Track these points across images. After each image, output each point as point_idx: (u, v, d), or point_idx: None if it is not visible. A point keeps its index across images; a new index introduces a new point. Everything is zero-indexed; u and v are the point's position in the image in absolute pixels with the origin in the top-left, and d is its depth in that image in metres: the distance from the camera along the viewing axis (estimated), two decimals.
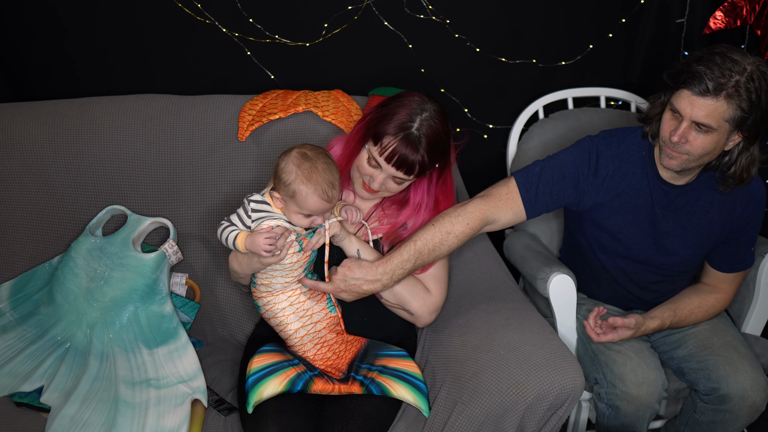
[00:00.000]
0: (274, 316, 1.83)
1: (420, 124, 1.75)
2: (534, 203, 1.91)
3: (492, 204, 1.89)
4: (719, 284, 2.06)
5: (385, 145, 1.75)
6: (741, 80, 1.68)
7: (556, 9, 2.46)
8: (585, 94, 2.51)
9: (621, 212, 1.94)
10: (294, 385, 1.72)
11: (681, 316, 2.01)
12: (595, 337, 1.95)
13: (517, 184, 1.92)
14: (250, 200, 1.76)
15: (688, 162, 1.79)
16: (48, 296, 2.03)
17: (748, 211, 1.93)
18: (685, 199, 1.92)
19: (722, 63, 1.69)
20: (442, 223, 1.84)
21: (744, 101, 1.69)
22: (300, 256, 1.78)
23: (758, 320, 2.17)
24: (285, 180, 1.70)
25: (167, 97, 2.23)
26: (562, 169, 1.91)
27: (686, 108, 1.72)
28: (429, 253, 1.82)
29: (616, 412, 1.91)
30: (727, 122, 1.72)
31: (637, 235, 1.96)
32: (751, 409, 1.89)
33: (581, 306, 2.11)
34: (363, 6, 2.35)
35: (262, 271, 1.80)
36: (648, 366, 1.90)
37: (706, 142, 1.74)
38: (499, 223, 1.92)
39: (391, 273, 1.79)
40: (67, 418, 1.77)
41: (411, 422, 1.79)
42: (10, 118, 2.16)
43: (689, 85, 1.71)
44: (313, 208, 1.70)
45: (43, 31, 2.29)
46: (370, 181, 1.82)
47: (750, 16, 2.40)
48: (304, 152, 1.71)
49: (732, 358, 1.92)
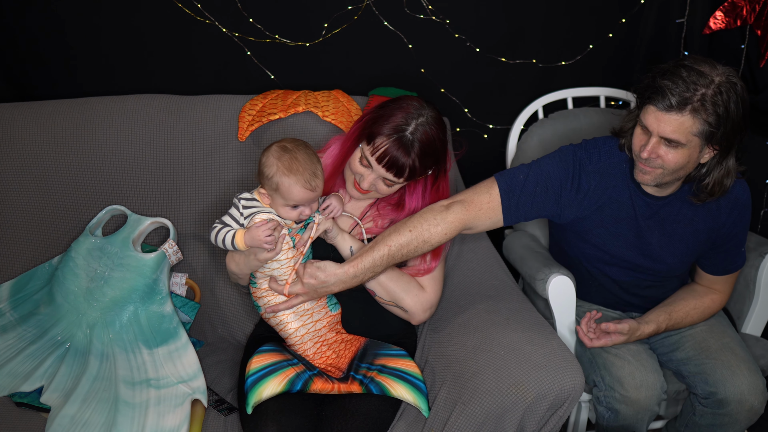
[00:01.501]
0: (274, 316, 1.83)
1: (415, 128, 1.75)
2: (513, 212, 1.88)
3: (472, 213, 1.87)
4: (713, 285, 2.05)
5: (377, 145, 1.76)
6: (707, 93, 1.65)
7: (556, 9, 2.46)
8: (584, 94, 2.51)
9: (604, 224, 1.92)
10: (293, 384, 1.72)
11: (677, 319, 1.99)
12: (588, 341, 1.93)
13: (499, 191, 1.88)
14: (240, 198, 1.77)
15: (662, 176, 1.77)
16: (48, 296, 2.03)
17: (733, 216, 1.90)
18: (669, 210, 1.90)
19: (688, 76, 1.66)
20: (420, 231, 1.81)
21: (711, 115, 1.65)
22: (295, 252, 1.78)
23: (758, 321, 2.16)
24: (267, 174, 1.71)
25: (167, 97, 2.23)
26: (545, 180, 1.88)
27: (653, 124, 1.70)
28: (402, 257, 1.81)
29: (615, 415, 1.90)
30: (696, 136, 1.69)
31: (622, 246, 1.94)
32: (749, 412, 1.88)
33: (580, 309, 2.11)
34: (363, 6, 2.35)
35: (260, 270, 1.80)
36: (646, 369, 1.89)
37: (677, 157, 1.72)
38: (476, 229, 1.91)
39: (361, 276, 1.78)
40: (67, 418, 1.77)
41: (411, 422, 1.79)
42: (10, 118, 2.16)
43: (654, 100, 1.69)
44: (298, 199, 1.71)
45: (43, 31, 2.29)
46: (360, 180, 1.82)
47: (750, 16, 2.40)
48: (284, 145, 1.73)
49: (729, 361, 1.90)
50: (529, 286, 2.27)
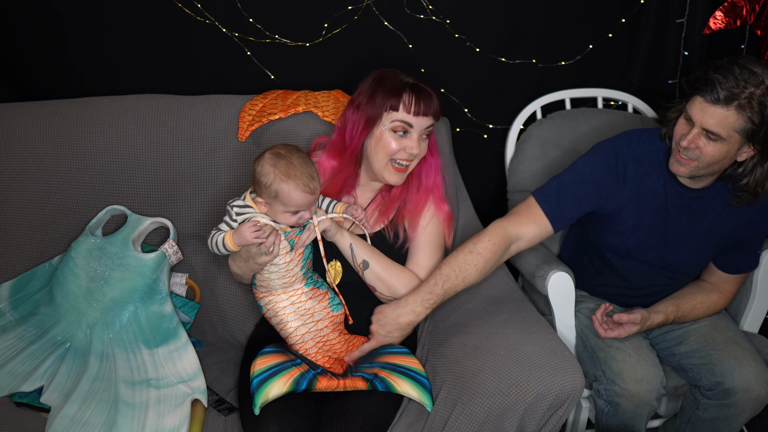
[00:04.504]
0: (275, 315, 1.83)
1: (405, 76, 1.87)
2: (559, 215, 1.92)
3: (512, 220, 1.91)
4: (721, 284, 2.07)
5: (407, 102, 1.82)
6: (756, 93, 1.68)
7: (556, 9, 2.46)
8: (582, 95, 2.52)
9: (637, 214, 1.94)
10: (298, 384, 1.72)
11: (684, 311, 2.02)
12: (603, 332, 1.95)
13: (536, 200, 1.93)
14: (233, 206, 1.77)
15: (697, 169, 1.80)
16: (48, 296, 2.03)
17: (762, 215, 1.93)
18: (700, 203, 1.92)
19: (740, 74, 1.69)
20: (466, 245, 1.87)
21: (756, 114, 1.68)
22: (293, 255, 1.78)
23: (756, 317, 2.17)
24: (265, 183, 1.71)
25: (167, 97, 2.23)
26: (580, 177, 1.93)
27: (697, 114, 1.73)
28: (456, 275, 1.84)
29: (615, 409, 1.92)
30: (738, 133, 1.72)
31: (648, 236, 1.96)
32: (755, 402, 1.89)
33: (582, 303, 2.12)
34: (363, 6, 2.35)
35: (259, 273, 1.80)
36: (647, 363, 1.91)
37: (715, 151, 1.75)
38: (525, 238, 1.93)
39: (420, 299, 1.82)
40: (67, 418, 1.77)
41: (411, 421, 1.79)
42: (10, 118, 2.16)
43: (702, 92, 1.72)
44: (298, 204, 1.71)
45: (43, 31, 2.29)
46: (410, 150, 1.85)
47: (750, 16, 2.40)
48: (277, 152, 1.73)
49: (735, 352, 1.93)
50: (528, 284, 2.28)
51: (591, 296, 2.16)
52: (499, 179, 2.64)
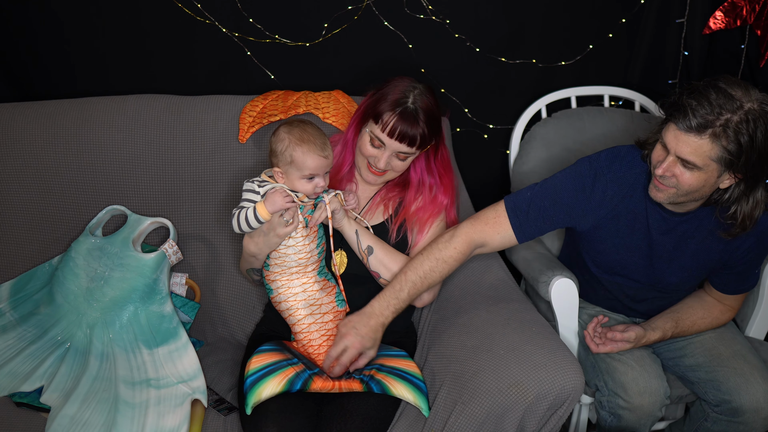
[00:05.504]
0: (285, 300, 1.84)
1: (414, 99, 1.85)
2: (524, 228, 1.88)
3: (479, 228, 1.89)
4: (723, 300, 1.99)
5: (386, 121, 1.84)
6: (732, 119, 1.56)
7: (556, 9, 2.46)
8: (588, 92, 2.51)
9: (618, 234, 1.88)
10: (293, 384, 1.72)
11: (683, 327, 1.96)
12: (594, 347, 1.93)
13: (506, 209, 1.89)
14: (253, 180, 1.82)
15: (675, 196, 1.71)
16: (48, 296, 2.03)
17: (749, 241, 1.83)
18: (685, 227, 1.84)
19: (715, 99, 1.57)
20: (432, 251, 1.86)
21: (731, 143, 1.57)
22: (309, 231, 1.83)
23: (762, 324, 2.13)
24: (280, 149, 1.77)
25: (167, 97, 2.23)
26: (554, 194, 1.86)
27: (671, 142, 1.64)
28: (421, 281, 1.85)
29: (618, 420, 1.89)
30: (714, 162, 1.61)
31: (633, 257, 1.91)
32: (766, 421, 1.84)
33: (583, 311, 2.09)
34: (363, 6, 2.35)
35: (276, 250, 1.83)
36: (650, 375, 1.87)
37: (692, 179, 1.65)
38: (489, 246, 1.91)
39: (386, 303, 1.82)
40: (67, 418, 1.77)
41: (411, 422, 1.79)
42: (10, 118, 2.16)
43: (675, 118, 1.62)
44: (312, 167, 1.76)
45: (43, 31, 2.29)
46: (375, 162, 1.89)
47: (750, 16, 2.40)
48: (291, 122, 1.82)
49: (742, 369, 1.86)
50: (531, 288, 2.27)
51: (590, 304, 2.13)
52: (499, 179, 2.64)
